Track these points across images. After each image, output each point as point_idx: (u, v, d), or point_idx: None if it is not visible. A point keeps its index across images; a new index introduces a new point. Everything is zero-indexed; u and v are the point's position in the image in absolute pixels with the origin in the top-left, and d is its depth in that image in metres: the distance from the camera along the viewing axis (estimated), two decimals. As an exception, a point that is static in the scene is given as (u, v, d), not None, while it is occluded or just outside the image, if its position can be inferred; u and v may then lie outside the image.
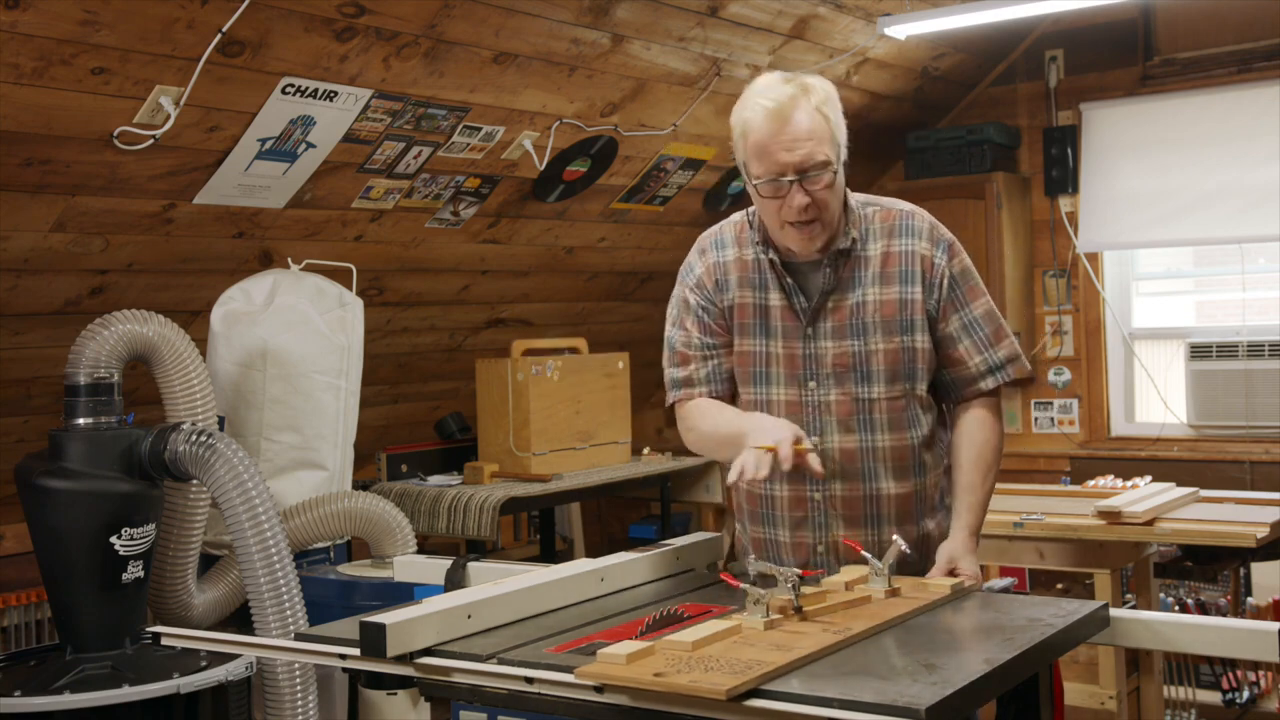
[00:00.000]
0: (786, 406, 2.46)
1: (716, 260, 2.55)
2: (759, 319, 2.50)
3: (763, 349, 2.50)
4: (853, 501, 2.45)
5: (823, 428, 2.45)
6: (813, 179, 2.33)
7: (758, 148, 2.35)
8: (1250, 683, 4.56)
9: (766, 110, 2.32)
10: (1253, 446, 5.42)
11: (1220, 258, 5.80)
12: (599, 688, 1.80)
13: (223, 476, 3.34)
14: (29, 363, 3.90)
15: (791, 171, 2.33)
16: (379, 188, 4.24)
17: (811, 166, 2.32)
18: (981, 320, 2.49)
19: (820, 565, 2.47)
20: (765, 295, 2.49)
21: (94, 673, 3.17)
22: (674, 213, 5.51)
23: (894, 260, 2.45)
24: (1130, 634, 2.24)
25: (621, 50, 4.29)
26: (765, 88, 2.36)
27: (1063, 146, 5.80)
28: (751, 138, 2.36)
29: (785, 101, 2.32)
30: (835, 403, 2.44)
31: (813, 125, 2.32)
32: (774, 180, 2.34)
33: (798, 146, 2.32)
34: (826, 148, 2.34)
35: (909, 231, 2.47)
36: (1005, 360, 2.52)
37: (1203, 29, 5.55)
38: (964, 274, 2.49)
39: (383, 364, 5.03)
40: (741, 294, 2.52)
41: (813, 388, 2.45)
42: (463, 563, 2.69)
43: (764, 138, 2.33)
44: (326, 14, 3.44)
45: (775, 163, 2.33)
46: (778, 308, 2.48)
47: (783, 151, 2.32)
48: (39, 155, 3.32)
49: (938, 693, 1.69)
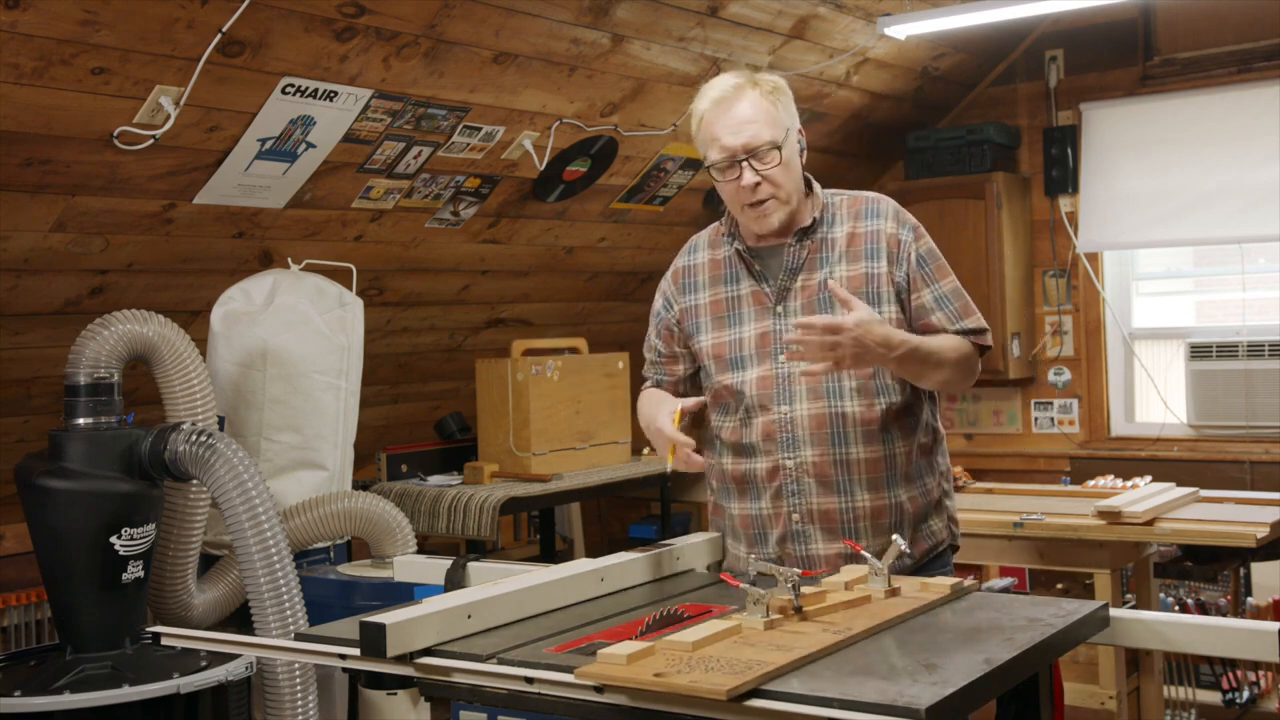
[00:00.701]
0: (759, 383, 2.56)
1: (687, 264, 2.71)
2: (731, 311, 2.62)
3: (736, 336, 2.61)
4: (823, 466, 2.52)
5: (792, 397, 2.54)
6: (761, 157, 2.49)
7: (708, 134, 2.53)
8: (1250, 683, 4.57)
9: (713, 99, 2.52)
10: (1253, 446, 5.42)
11: (1220, 258, 5.80)
12: (599, 688, 1.80)
13: (223, 476, 3.34)
14: (29, 363, 3.90)
15: (740, 152, 2.49)
16: (379, 188, 4.24)
17: (759, 145, 2.48)
18: (950, 296, 2.58)
19: (799, 535, 2.54)
20: (736, 287, 2.62)
21: (94, 673, 3.17)
22: (674, 213, 5.51)
23: (859, 239, 2.57)
24: (1130, 634, 2.24)
25: (621, 50, 4.30)
26: (716, 82, 2.55)
27: (1063, 146, 5.80)
28: (703, 126, 2.54)
29: (730, 91, 2.51)
30: (801, 373, 2.52)
31: (757, 110, 2.50)
32: (726, 164, 2.50)
33: (744, 129, 2.49)
34: (772, 130, 2.49)
35: (874, 214, 2.59)
36: (976, 328, 2.58)
37: (1203, 29, 5.55)
38: (930, 253, 2.59)
39: (383, 364, 5.03)
40: (714, 292, 2.65)
41: (782, 360, 2.54)
42: (463, 563, 2.69)
43: (712, 123, 2.51)
44: (326, 14, 3.44)
45: (724, 146, 2.50)
46: (747, 294, 2.61)
47: (729, 134, 2.49)
48: (39, 155, 3.32)
49: (938, 693, 1.69)
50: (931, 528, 2.62)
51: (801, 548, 2.54)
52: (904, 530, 2.54)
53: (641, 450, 5.38)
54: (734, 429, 2.60)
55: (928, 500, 2.61)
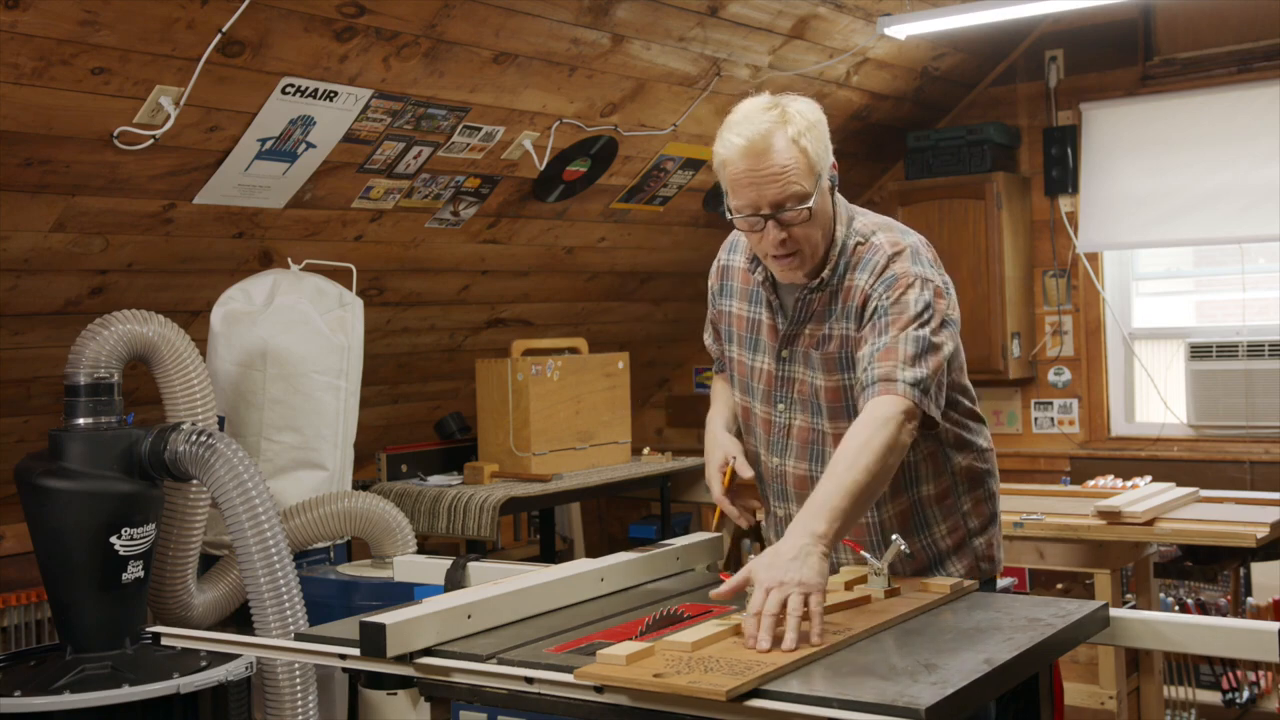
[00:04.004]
0: (761, 423, 2.52)
1: (726, 264, 2.60)
2: (751, 333, 2.53)
3: (749, 362, 2.53)
4: None
5: (785, 450, 2.49)
6: (789, 213, 2.28)
7: (733, 182, 2.30)
8: (1250, 683, 4.57)
9: (739, 147, 2.27)
10: (1253, 446, 5.42)
11: (1220, 258, 5.80)
12: (599, 688, 1.80)
13: (223, 476, 3.34)
14: (29, 363, 3.90)
15: (766, 207, 2.27)
16: (379, 188, 4.24)
17: (786, 199, 2.27)
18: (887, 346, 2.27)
19: None
20: (758, 310, 2.51)
21: (94, 673, 3.17)
22: (674, 213, 5.50)
23: (849, 295, 2.37)
24: (1130, 634, 2.24)
25: (621, 50, 4.29)
26: (743, 119, 2.30)
27: (1063, 146, 5.80)
28: (728, 170, 2.31)
29: (758, 137, 2.25)
30: (797, 429, 2.46)
31: (788, 159, 2.25)
32: (750, 216, 2.30)
33: (771, 185, 2.26)
34: (803, 181, 2.27)
35: (864, 267, 2.36)
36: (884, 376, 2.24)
37: (1203, 29, 5.55)
38: (899, 304, 2.30)
39: (383, 364, 5.03)
40: (739, 305, 2.55)
41: (781, 409, 2.48)
42: (463, 563, 2.69)
43: (739, 173, 2.28)
44: (326, 14, 3.44)
45: (749, 200, 2.29)
46: (765, 324, 2.49)
47: (755, 188, 2.27)
48: (39, 155, 3.32)
49: (938, 693, 1.69)
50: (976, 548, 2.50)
51: None
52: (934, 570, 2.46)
53: (641, 450, 5.38)
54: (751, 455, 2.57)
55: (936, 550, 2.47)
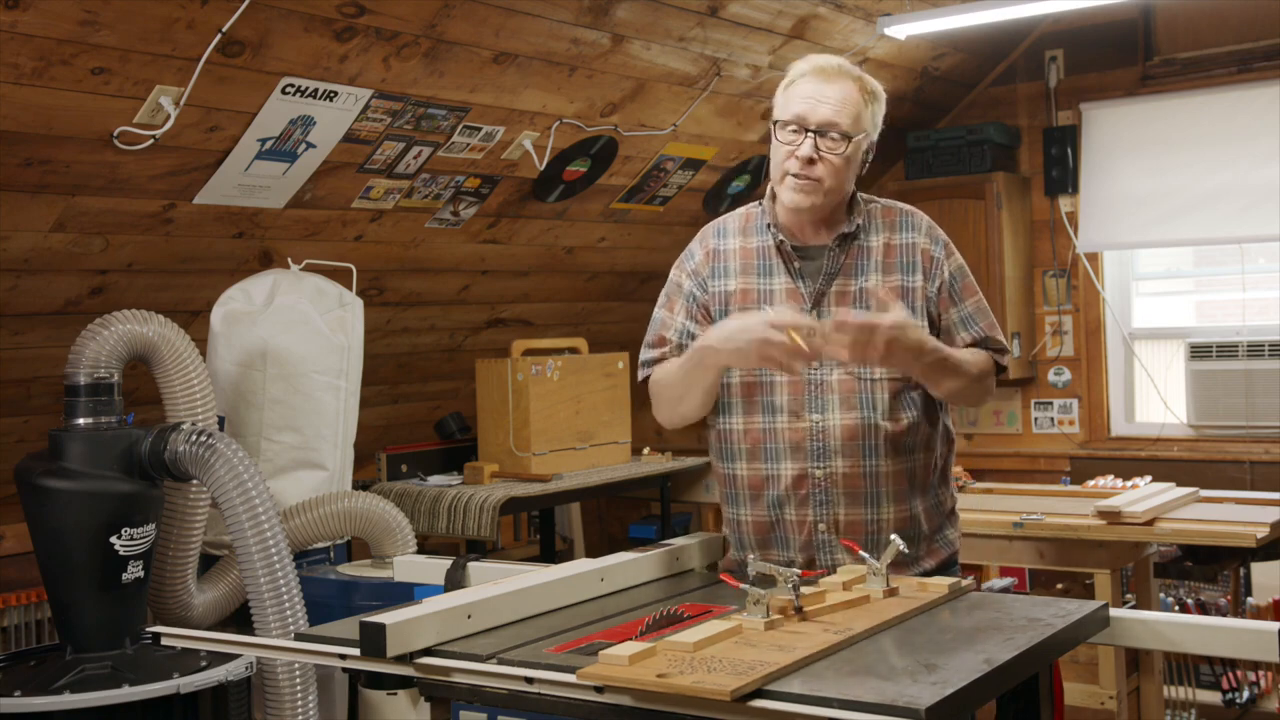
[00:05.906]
0: (790, 387, 2.51)
1: (716, 248, 2.62)
2: (763, 303, 2.55)
3: None
4: (853, 478, 2.49)
5: (825, 405, 2.50)
6: (827, 140, 2.45)
7: (793, 92, 2.49)
8: (1250, 683, 4.57)
9: (816, 66, 2.50)
10: (1253, 446, 5.42)
11: (1220, 258, 5.80)
12: (599, 688, 1.80)
13: (223, 476, 3.34)
14: (29, 363, 3.90)
15: (813, 124, 2.45)
16: (379, 188, 4.24)
17: (832, 126, 2.45)
18: (976, 314, 2.59)
19: (824, 544, 2.50)
20: (769, 280, 2.56)
21: (94, 673, 3.17)
22: (674, 213, 5.51)
23: (895, 252, 2.56)
24: (1130, 634, 2.24)
25: (621, 50, 4.29)
26: (824, 56, 2.54)
27: (1063, 146, 5.80)
28: (793, 87, 2.51)
29: (834, 69, 2.49)
30: (838, 381, 2.49)
31: (848, 98, 2.47)
32: (793, 126, 2.47)
33: (825, 106, 2.45)
34: (851, 122, 2.47)
35: (909, 227, 2.59)
36: (999, 346, 2.60)
37: (1203, 29, 5.55)
38: (959, 271, 2.60)
39: (383, 364, 5.03)
40: (744, 281, 2.58)
41: (816, 366, 2.49)
42: (463, 563, 2.69)
43: (800, 86, 2.49)
44: (326, 14, 3.44)
45: (799, 112, 2.47)
46: (781, 290, 2.55)
47: (811, 103, 2.46)
48: (39, 155, 3.32)
49: (938, 693, 1.69)
50: (947, 537, 2.61)
51: (827, 557, 2.50)
52: (920, 543, 2.53)
53: (641, 450, 5.38)
54: (756, 433, 2.53)
55: (941, 511, 2.60)
